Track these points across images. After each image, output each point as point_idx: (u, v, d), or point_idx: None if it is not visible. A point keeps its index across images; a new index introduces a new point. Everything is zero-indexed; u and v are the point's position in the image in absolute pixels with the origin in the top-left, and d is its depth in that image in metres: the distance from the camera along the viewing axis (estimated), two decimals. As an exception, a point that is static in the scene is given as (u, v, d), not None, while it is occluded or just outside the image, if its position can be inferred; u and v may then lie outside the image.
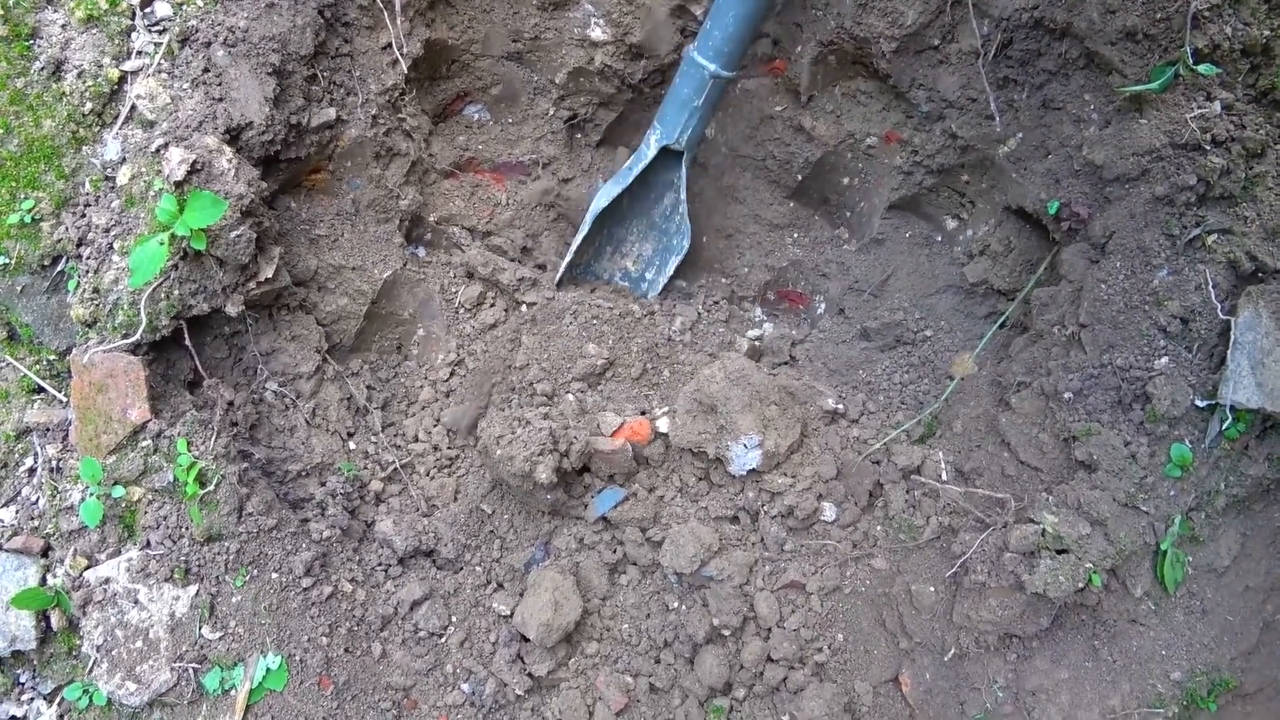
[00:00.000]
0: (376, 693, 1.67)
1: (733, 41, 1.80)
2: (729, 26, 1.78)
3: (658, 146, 1.95)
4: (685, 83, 1.88)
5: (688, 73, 1.87)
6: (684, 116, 1.90)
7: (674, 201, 2.09)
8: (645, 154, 1.98)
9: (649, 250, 2.19)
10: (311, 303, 1.89)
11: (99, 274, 1.65)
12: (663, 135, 1.94)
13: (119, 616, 1.62)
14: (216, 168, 1.60)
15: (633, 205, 2.09)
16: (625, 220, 2.12)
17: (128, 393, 1.64)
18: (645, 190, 2.09)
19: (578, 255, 2.07)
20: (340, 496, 1.82)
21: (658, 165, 2.02)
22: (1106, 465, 1.52)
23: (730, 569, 1.71)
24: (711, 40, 1.81)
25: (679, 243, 2.10)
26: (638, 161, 1.99)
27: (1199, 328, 1.51)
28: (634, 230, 2.17)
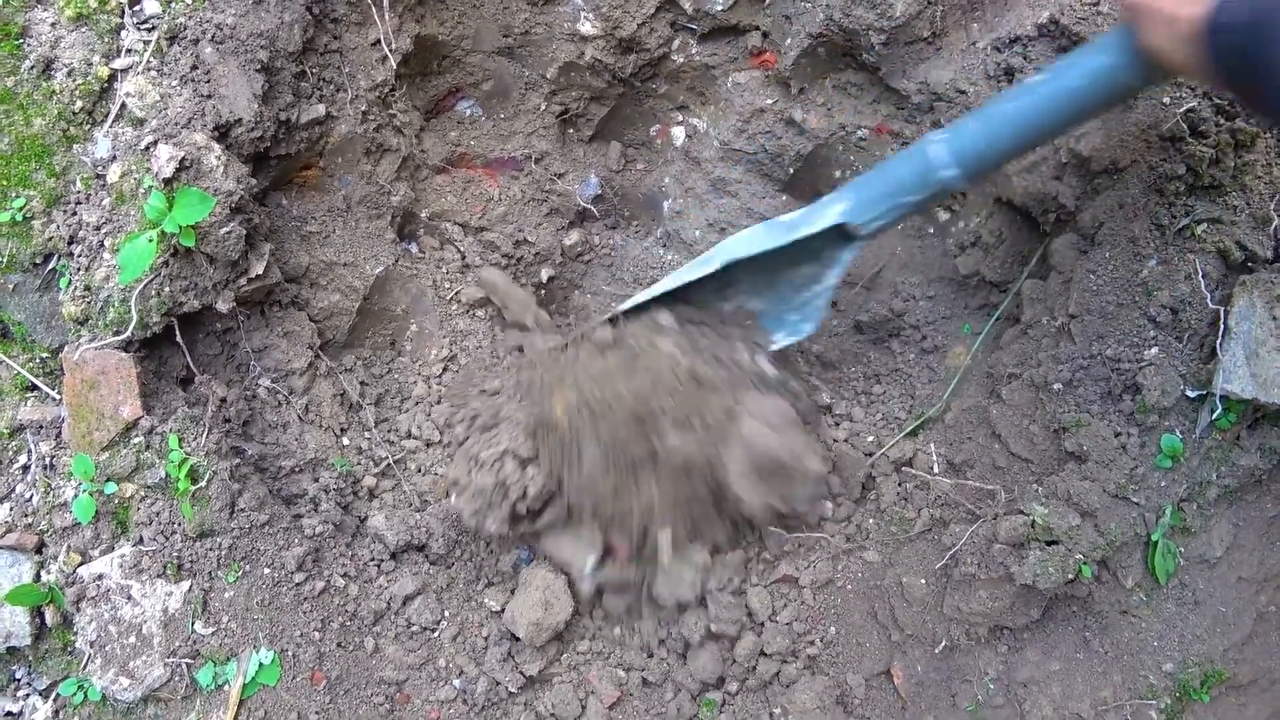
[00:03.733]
0: (369, 687, 1.68)
1: (996, 156, 1.47)
2: (1003, 141, 1.44)
3: (838, 220, 1.62)
4: (908, 169, 1.55)
5: (915, 160, 1.53)
6: (884, 205, 1.58)
7: (814, 280, 1.75)
8: (819, 219, 1.63)
9: (754, 308, 1.85)
10: (304, 299, 1.89)
11: (90, 271, 1.66)
12: (850, 212, 1.61)
13: (112, 612, 1.62)
14: (205, 164, 1.60)
15: (762, 253, 1.74)
16: (744, 264, 1.77)
17: (120, 390, 1.65)
18: (777, 254, 1.73)
19: (682, 291, 1.76)
20: (333, 492, 1.82)
21: (810, 239, 1.68)
22: (1097, 456, 1.52)
23: (727, 574, 1.71)
24: (968, 142, 1.47)
25: (799, 325, 1.77)
26: (806, 224, 1.65)
27: (1189, 318, 1.51)
28: (747, 280, 1.83)
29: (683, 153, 2.17)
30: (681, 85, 2.11)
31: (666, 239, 2.22)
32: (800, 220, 1.65)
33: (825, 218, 1.62)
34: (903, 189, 1.55)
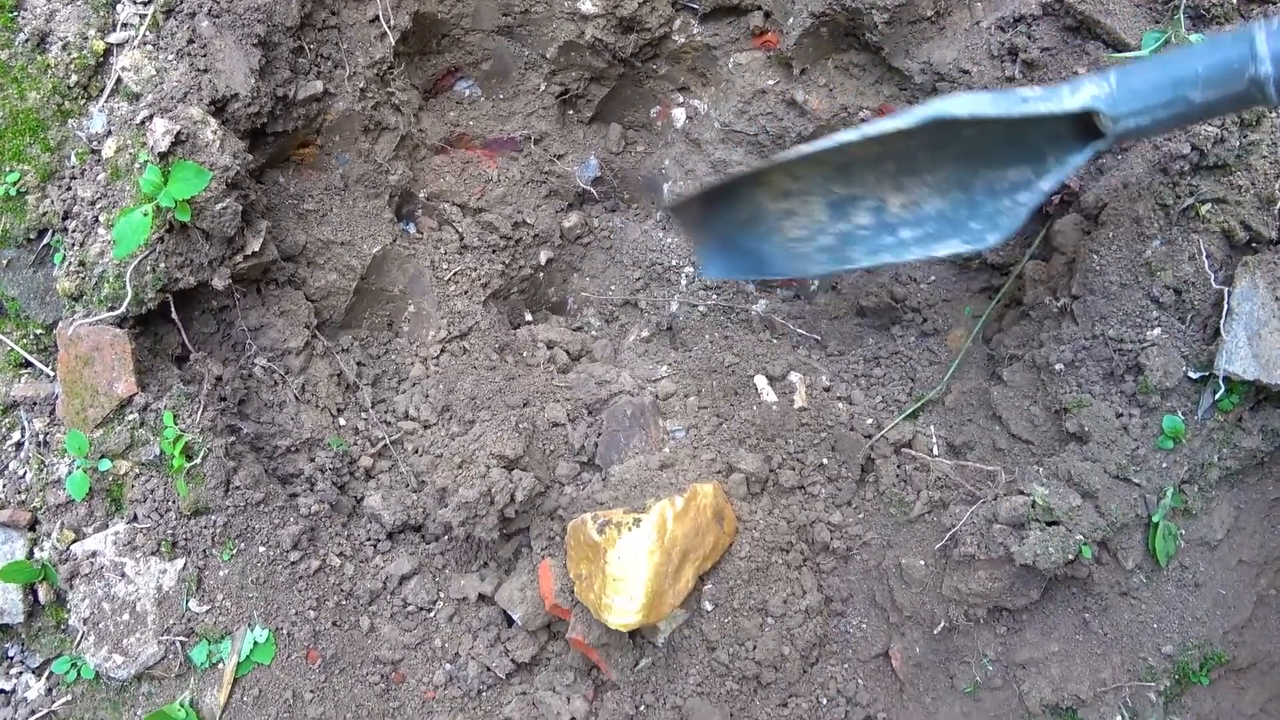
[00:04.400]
0: (364, 666, 1.67)
1: None
2: None
3: (1087, 104, 1.28)
4: (1211, 57, 1.22)
5: (1229, 48, 1.20)
6: (1159, 97, 1.25)
7: (1022, 187, 1.40)
8: (1064, 99, 1.29)
9: (932, 209, 1.49)
10: (300, 278, 1.88)
11: (85, 247, 1.64)
12: (1108, 99, 1.27)
13: (106, 590, 1.61)
14: (201, 139, 1.58)
15: (947, 147, 1.43)
16: (943, 144, 1.44)
17: (114, 366, 1.63)
18: (987, 140, 1.40)
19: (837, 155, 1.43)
20: (329, 472, 1.81)
21: (1038, 125, 1.35)
22: (1098, 437, 1.51)
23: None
24: None
25: (981, 235, 1.42)
26: (1047, 100, 1.30)
27: (1192, 298, 1.49)
28: (940, 166, 1.46)
29: (683, 134, 2.16)
30: (682, 66, 2.09)
31: (667, 221, 2.21)
32: (1040, 96, 1.30)
33: (1074, 98, 1.29)
34: (1193, 80, 1.22)
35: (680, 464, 1.75)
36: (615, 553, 1.51)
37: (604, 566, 1.52)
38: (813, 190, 1.58)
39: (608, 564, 1.51)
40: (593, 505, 1.70)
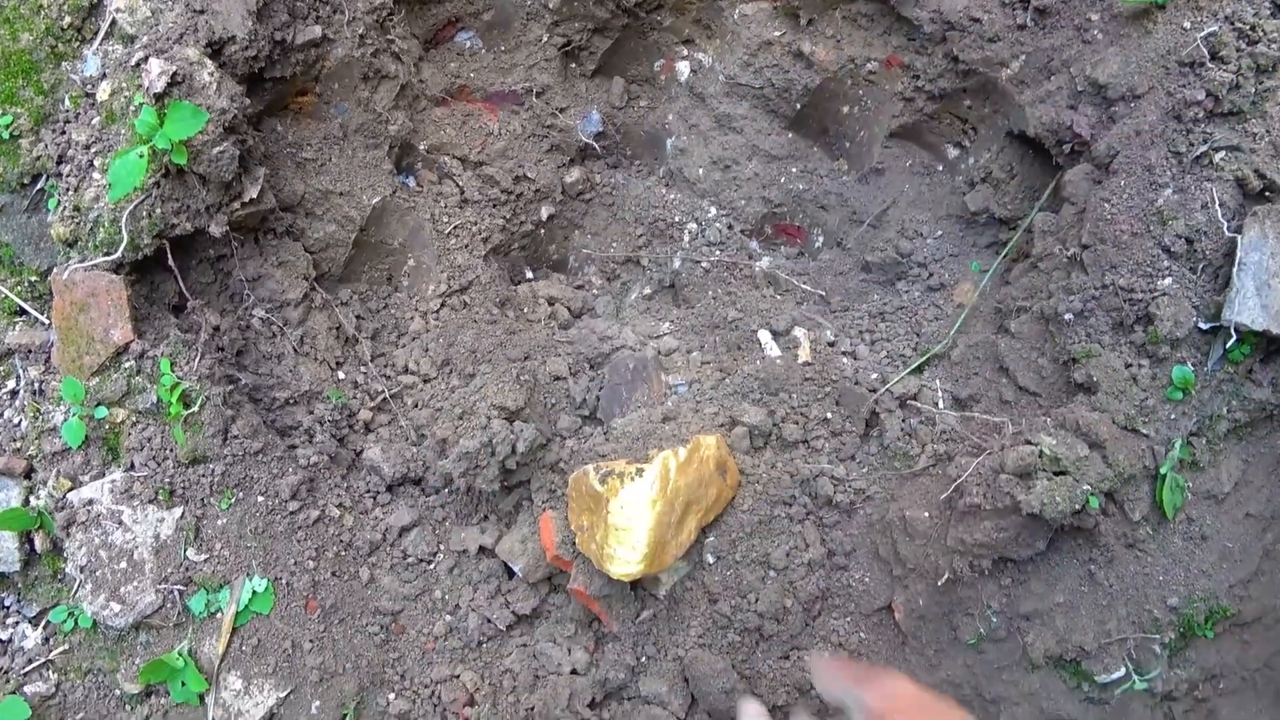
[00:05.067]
0: (364, 617, 1.66)
1: None
2: None
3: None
4: None
5: None
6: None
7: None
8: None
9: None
10: (299, 229, 1.85)
11: (79, 192, 1.62)
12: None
13: (103, 538, 1.60)
14: (198, 81, 1.55)
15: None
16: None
17: (110, 313, 1.61)
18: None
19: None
20: (328, 424, 1.79)
21: None
22: (1106, 387, 1.49)
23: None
24: None
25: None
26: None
27: (1204, 247, 1.47)
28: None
29: (687, 88, 2.13)
30: (687, 18, 2.06)
31: (669, 178, 2.18)
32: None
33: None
34: None
35: (683, 417, 1.73)
36: (618, 502, 1.49)
37: (606, 516, 1.50)
38: None
39: (610, 514, 1.50)
40: (594, 457, 1.68)
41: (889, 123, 1.95)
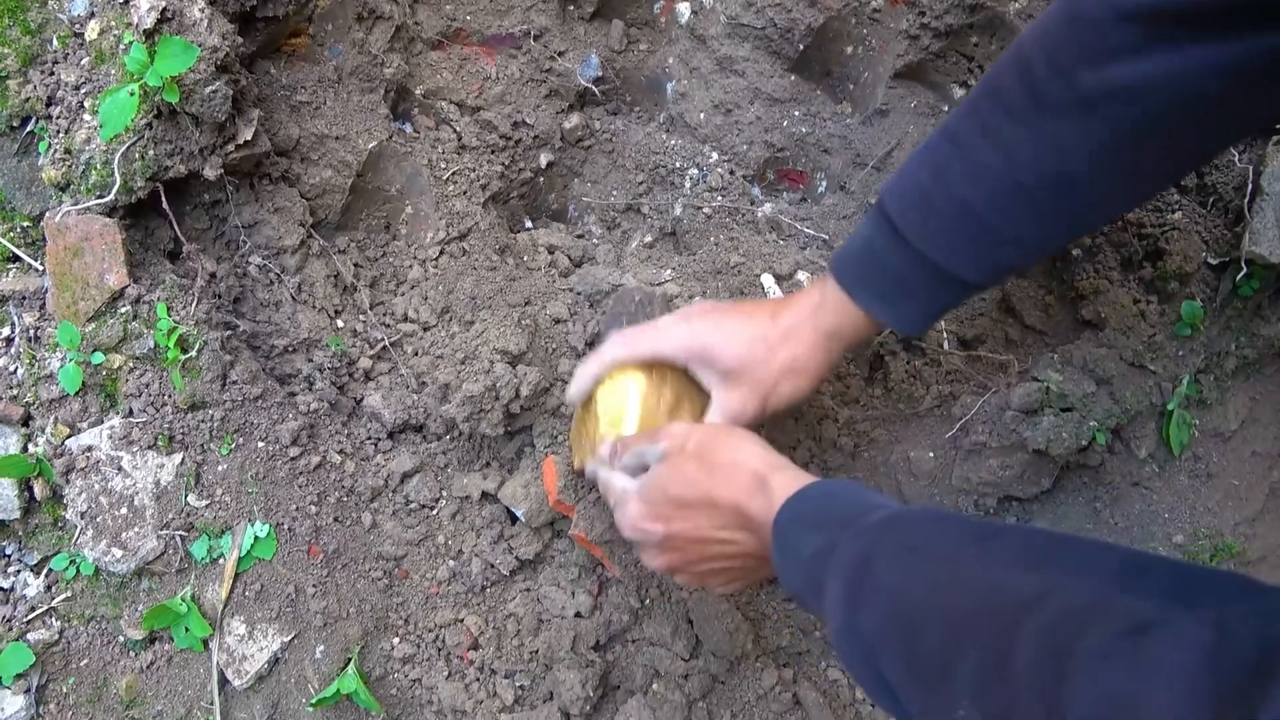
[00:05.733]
0: (367, 562, 1.65)
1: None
2: None
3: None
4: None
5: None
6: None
7: None
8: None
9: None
10: (294, 174, 1.82)
11: (70, 134, 1.59)
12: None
13: (103, 484, 1.59)
14: (188, 17, 1.52)
15: None
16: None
17: (104, 257, 1.59)
18: None
19: None
20: (328, 371, 1.78)
21: None
22: (1114, 323, 1.48)
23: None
24: None
25: None
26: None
27: (1215, 180, 1.45)
28: None
29: (688, 30, 2.09)
30: (687, -43, 2.02)
31: (670, 123, 2.15)
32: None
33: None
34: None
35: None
36: (604, 389, 1.49)
37: (594, 406, 1.49)
38: None
39: (597, 402, 1.48)
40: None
41: (893, 62, 1.91)
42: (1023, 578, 0.80)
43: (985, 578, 0.83)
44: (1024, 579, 0.80)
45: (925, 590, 0.87)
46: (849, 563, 0.94)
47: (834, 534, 0.98)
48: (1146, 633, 0.69)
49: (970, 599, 0.82)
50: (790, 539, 1.04)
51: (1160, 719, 0.65)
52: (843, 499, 1.03)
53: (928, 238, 1.13)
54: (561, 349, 1.81)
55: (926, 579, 0.87)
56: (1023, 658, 0.75)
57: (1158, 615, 0.70)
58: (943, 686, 0.84)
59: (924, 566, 0.88)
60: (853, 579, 0.93)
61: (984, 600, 0.82)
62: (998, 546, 0.86)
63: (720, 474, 1.15)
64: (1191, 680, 0.64)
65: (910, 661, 0.87)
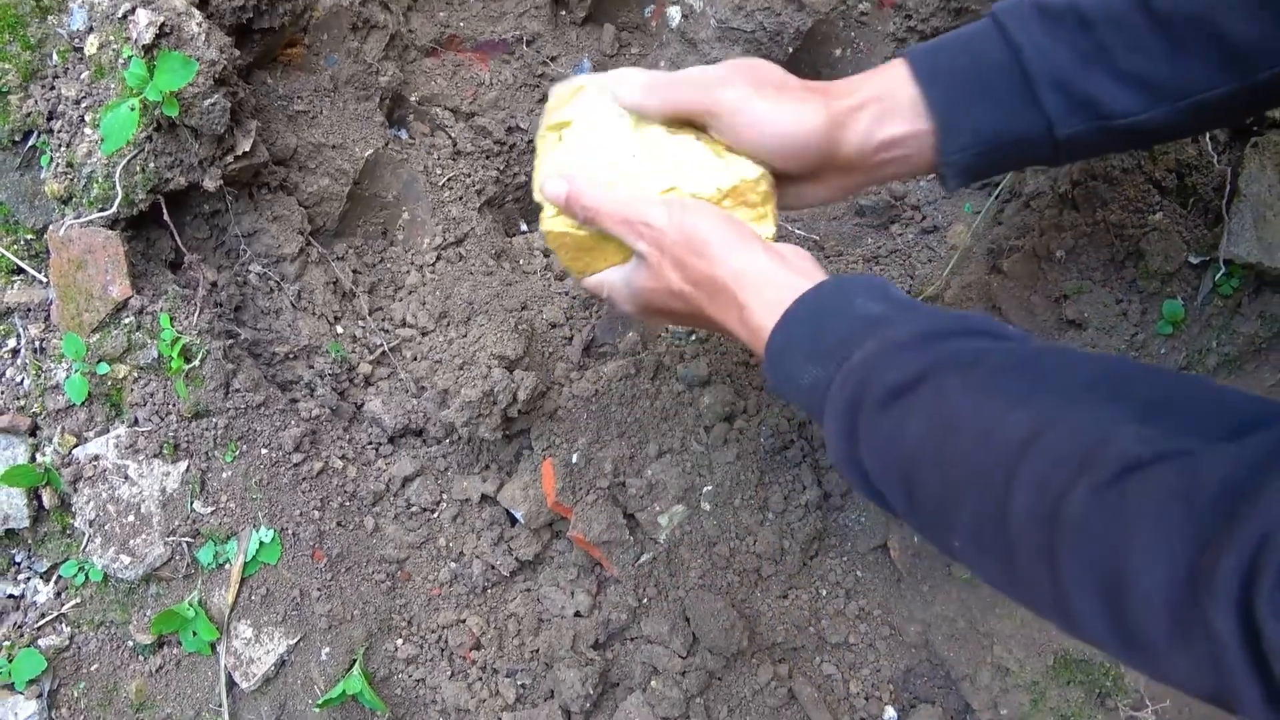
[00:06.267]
0: (370, 565, 1.69)
1: None
2: None
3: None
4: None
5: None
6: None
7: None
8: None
9: None
10: (292, 183, 1.85)
11: (72, 147, 1.61)
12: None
13: (110, 492, 1.62)
14: (186, 31, 1.54)
15: None
16: None
17: (107, 269, 1.62)
18: None
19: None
20: (329, 378, 1.81)
21: None
22: (1097, 323, 1.51)
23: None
24: None
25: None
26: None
27: (1195, 181, 1.48)
28: None
29: (678, 34, 2.11)
30: (677, -38, 2.04)
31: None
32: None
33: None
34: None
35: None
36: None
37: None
38: None
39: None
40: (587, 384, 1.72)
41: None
42: (1012, 415, 0.80)
43: (975, 417, 0.83)
44: (1014, 416, 0.80)
45: (918, 434, 0.86)
46: (844, 404, 0.94)
47: (828, 368, 0.97)
48: (1126, 480, 0.70)
49: (962, 444, 0.83)
50: (785, 367, 1.02)
51: (1143, 581, 0.67)
52: (832, 319, 1.00)
53: (1032, 38, 1.05)
54: (558, 353, 1.84)
55: (918, 421, 0.86)
56: (1019, 509, 0.76)
57: (1136, 452, 0.70)
58: (942, 525, 0.87)
59: (915, 408, 0.87)
60: (848, 418, 0.94)
61: (975, 444, 0.81)
62: (983, 374, 0.86)
63: (702, 292, 1.12)
64: (1169, 535, 0.66)
65: (909, 502, 0.90)
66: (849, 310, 1.00)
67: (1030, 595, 0.81)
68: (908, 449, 0.88)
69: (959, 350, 0.91)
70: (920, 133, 1.14)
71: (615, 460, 1.70)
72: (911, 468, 0.88)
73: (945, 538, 0.88)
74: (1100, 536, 0.70)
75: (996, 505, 0.79)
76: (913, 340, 0.93)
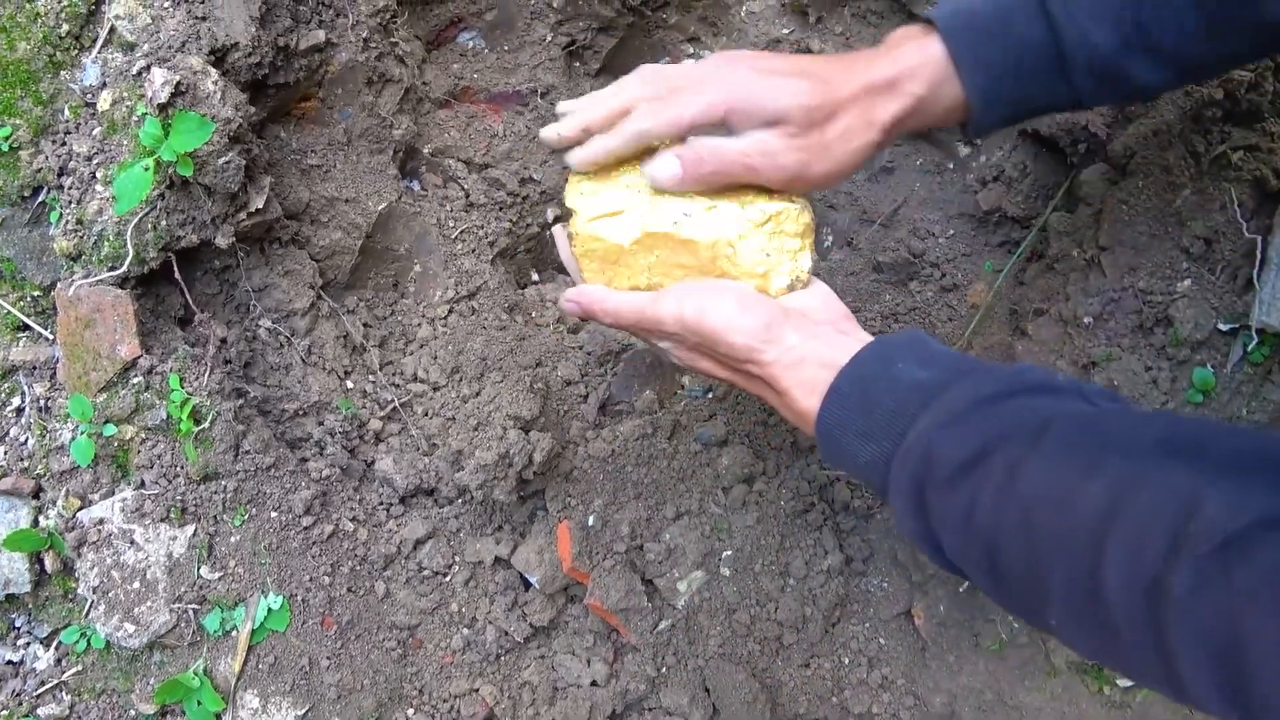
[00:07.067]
0: (381, 632, 1.64)
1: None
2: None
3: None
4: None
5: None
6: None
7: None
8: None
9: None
10: (304, 237, 1.82)
11: (82, 205, 1.59)
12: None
13: (115, 558, 1.58)
14: (202, 90, 1.52)
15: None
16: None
17: (116, 328, 1.58)
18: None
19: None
20: (339, 435, 1.77)
21: None
22: (1127, 390, 1.48)
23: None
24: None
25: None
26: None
27: (1223, 248, 1.47)
28: None
29: (693, 87, 2.10)
30: (693, 15, 2.03)
31: (675, 178, 2.16)
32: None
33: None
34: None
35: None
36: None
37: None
38: None
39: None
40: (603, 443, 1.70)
41: (899, 121, 1.93)
42: (1090, 484, 0.79)
43: (1051, 488, 0.81)
44: (1092, 486, 0.79)
45: (992, 509, 0.84)
46: (908, 483, 0.92)
47: (884, 445, 0.95)
48: (1229, 553, 0.69)
49: (1042, 518, 0.81)
50: (838, 447, 1.00)
51: (1266, 651, 0.66)
52: (879, 391, 0.97)
53: (1075, 21, 1.05)
54: (574, 411, 1.81)
55: (990, 496, 0.84)
56: (1113, 583, 0.75)
57: (1231, 526, 0.70)
58: (1032, 602, 0.85)
59: (985, 483, 0.85)
60: (915, 496, 0.92)
61: (1056, 517, 0.80)
62: (1051, 442, 0.84)
63: (738, 375, 1.12)
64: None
65: (994, 579, 0.87)
66: (894, 379, 0.98)
67: (1135, 667, 0.81)
68: (984, 526, 0.86)
69: (1020, 415, 0.89)
70: (956, 117, 1.16)
71: (632, 523, 1.67)
72: (991, 545, 0.86)
73: (1037, 614, 0.86)
74: (1211, 611, 0.70)
75: (1089, 580, 0.78)
76: (970, 408, 0.91)
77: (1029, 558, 0.83)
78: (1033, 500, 0.83)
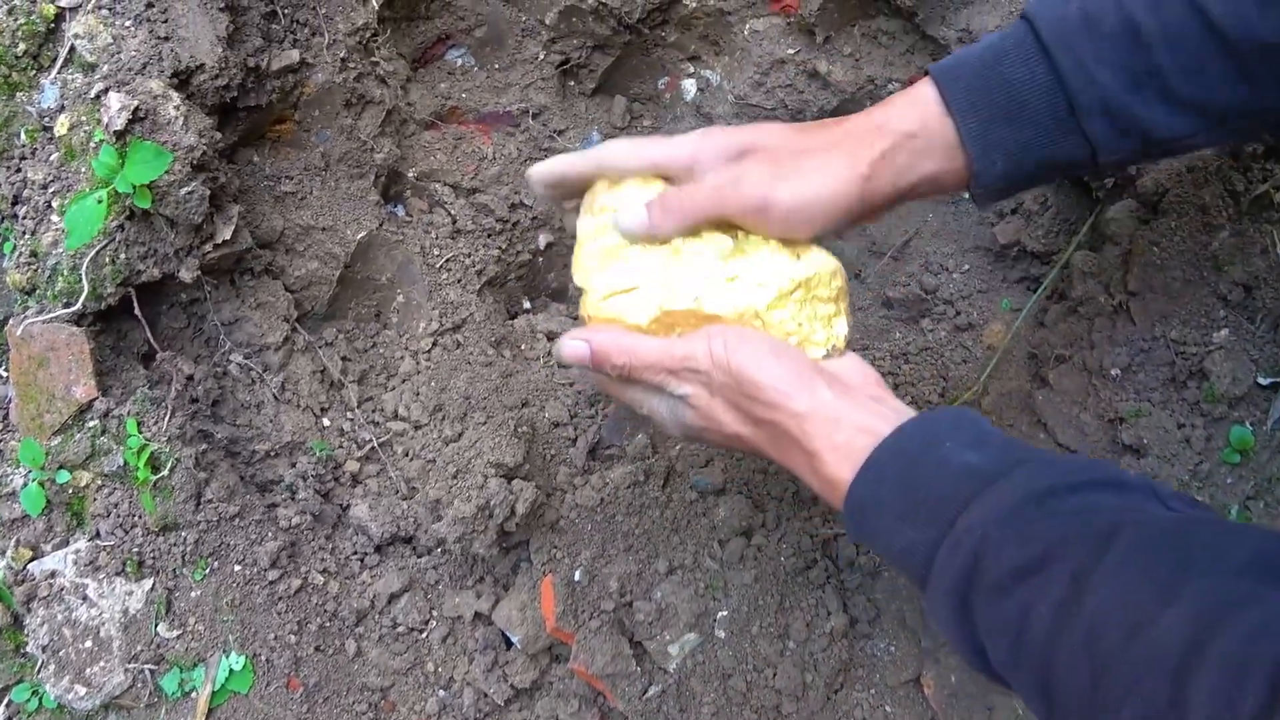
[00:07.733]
0: (351, 694, 1.54)
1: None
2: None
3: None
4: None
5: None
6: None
7: None
8: None
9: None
10: (279, 267, 1.72)
11: (37, 236, 1.49)
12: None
13: (66, 614, 1.48)
14: (162, 116, 1.42)
15: None
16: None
17: (71, 368, 1.48)
18: None
19: None
20: (312, 478, 1.67)
21: None
22: (1158, 450, 1.37)
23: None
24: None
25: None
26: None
27: (1264, 296, 1.35)
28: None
29: (693, 108, 1.99)
30: (693, 33, 1.92)
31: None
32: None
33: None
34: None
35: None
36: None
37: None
38: None
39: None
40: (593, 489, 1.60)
41: (912, 148, 1.82)
42: (1170, 610, 0.70)
43: (1123, 610, 0.72)
44: (1172, 613, 0.70)
45: (1052, 624, 0.75)
46: (953, 580, 0.83)
47: (927, 533, 0.86)
48: None
49: (1111, 643, 0.72)
50: (870, 525, 0.92)
51: None
52: (925, 472, 0.89)
53: (1077, 60, 0.97)
54: (561, 455, 1.70)
55: (1050, 609, 0.76)
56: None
57: None
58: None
59: (1044, 593, 0.77)
60: (960, 596, 0.82)
61: (1128, 644, 0.72)
62: (1122, 554, 0.75)
63: (763, 433, 1.01)
64: None
65: (1048, 700, 0.78)
66: (942, 459, 0.89)
67: None
68: (1039, 642, 0.76)
69: (1086, 518, 0.79)
70: (956, 167, 1.06)
71: (621, 578, 1.56)
72: (1046, 665, 0.76)
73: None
74: None
75: (1170, 709, 0.68)
76: (1028, 504, 0.81)
77: (1093, 687, 0.73)
78: (1100, 622, 0.73)
